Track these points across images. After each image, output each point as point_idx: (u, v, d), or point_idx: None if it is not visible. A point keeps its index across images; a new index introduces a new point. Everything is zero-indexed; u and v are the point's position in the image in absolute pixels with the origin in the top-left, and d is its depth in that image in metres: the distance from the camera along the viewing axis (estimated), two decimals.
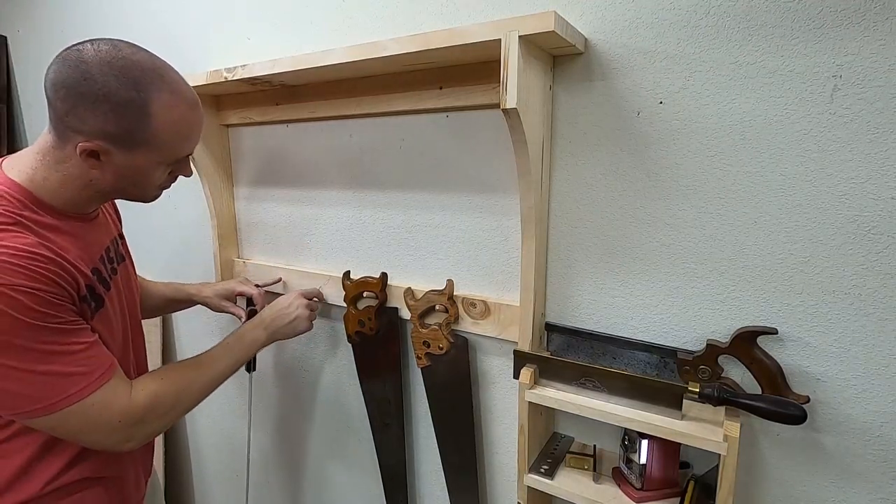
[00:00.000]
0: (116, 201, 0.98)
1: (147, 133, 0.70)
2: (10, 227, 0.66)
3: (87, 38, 0.70)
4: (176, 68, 0.75)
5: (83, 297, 0.71)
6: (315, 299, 1.08)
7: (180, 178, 0.84)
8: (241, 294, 1.15)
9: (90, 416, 0.69)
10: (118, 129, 0.68)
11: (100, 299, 0.76)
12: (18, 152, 0.75)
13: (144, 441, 0.78)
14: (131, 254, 0.97)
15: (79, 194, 0.74)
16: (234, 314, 1.14)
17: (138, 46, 0.72)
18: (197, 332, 1.56)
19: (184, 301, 1.16)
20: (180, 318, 1.61)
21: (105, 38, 0.70)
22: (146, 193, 0.81)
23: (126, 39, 0.72)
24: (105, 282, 0.79)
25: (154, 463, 1.08)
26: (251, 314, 1.09)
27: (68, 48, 0.68)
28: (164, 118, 0.70)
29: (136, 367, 0.90)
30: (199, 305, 1.17)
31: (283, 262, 1.26)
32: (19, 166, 0.72)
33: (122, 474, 0.86)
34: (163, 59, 0.74)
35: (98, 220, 0.84)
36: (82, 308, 0.72)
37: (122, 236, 0.95)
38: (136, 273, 0.98)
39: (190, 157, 0.82)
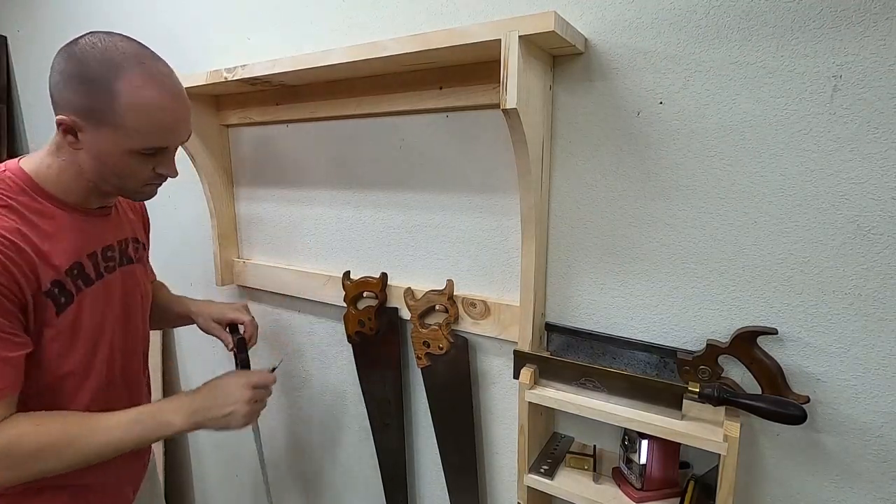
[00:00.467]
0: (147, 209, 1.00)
1: (112, 113, 0.69)
2: None
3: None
4: (175, 69, 0.75)
5: (45, 290, 0.70)
6: (265, 388, 0.90)
7: (180, 177, 0.83)
8: (232, 321, 1.05)
9: None
10: (84, 102, 0.69)
11: (70, 296, 0.74)
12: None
13: None
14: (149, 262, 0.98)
15: (76, 183, 0.76)
16: (220, 338, 1.05)
17: (136, 42, 0.73)
18: (197, 333, 1.55)
19: (184, 319, 1.10)
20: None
21: (109, 31, 0.72)
22: (129, 186, 0.78)
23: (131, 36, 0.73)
24: (86, 278, 0.78)
25: (153, 468, 1.06)
26: (239, 343, 1.01)
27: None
28: (129, 99, 0.69)
29: (123, 374, 0.87)
30: None
31: (284, 262, 1.26)
32: (34, 158, 0.76)
33: (91, 482, 0.82)
34: (162, 58, 0.74)
35: (109, 218, 0.84)
36: (40, 301, 0.70)
37: (138, 241, 0.93)
38: (148, 282, 0.96)
39: (174, 155, 0.80)
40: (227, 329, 1.05)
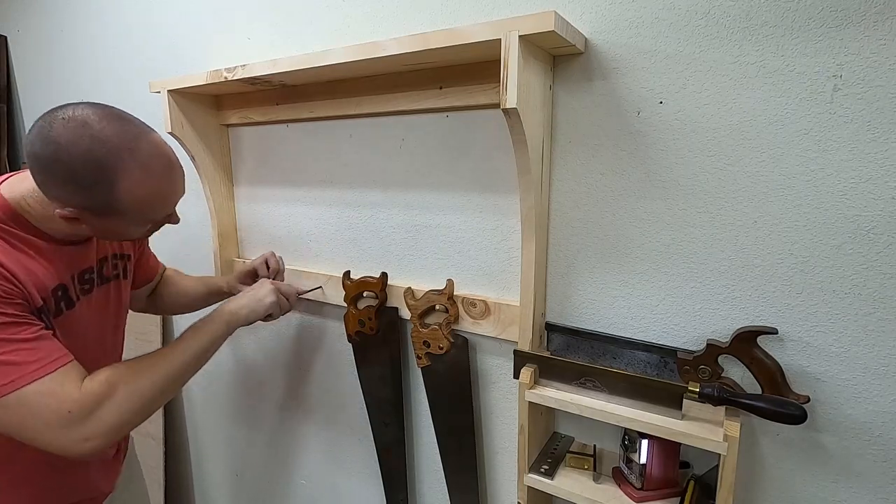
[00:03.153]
0: None
1: (117, 207, 0.71)
2: None
3: (68, 103, 0.69)
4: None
5: (37, 308, 0.72)
6: (284, 289, 1.06)
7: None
8: (254, 270, 1.16)
9: (31, 408, 0.65)
10: (88, 203, 0.70)
11: (51, 318, 0.77)
12: (25, 172, 0.75)
13: (106, 439, 0.70)
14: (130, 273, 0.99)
15: (64, 230, 0.77)
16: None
17: (115, 116, 0.70)
18: None
19: (217, 295, 1.17)
20: (180, 315, 1.61)
21: (82, 108, 0.68)
22: (130, 239, 0.88)
23: (105, 104, 0.71)
24: (69, 300, 0.80)
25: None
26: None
27: (45, 116, 0.68)
28: (132, 195, 0.70)
29: None
30: None
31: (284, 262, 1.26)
32: (18, 188, 0.74)
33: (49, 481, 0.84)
34: (140, 122, 0.72)
35: (89, 241, 0.85)
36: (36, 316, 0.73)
37: (120, 255, 0.95)
38: (127, 294, 0.99)
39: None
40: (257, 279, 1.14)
